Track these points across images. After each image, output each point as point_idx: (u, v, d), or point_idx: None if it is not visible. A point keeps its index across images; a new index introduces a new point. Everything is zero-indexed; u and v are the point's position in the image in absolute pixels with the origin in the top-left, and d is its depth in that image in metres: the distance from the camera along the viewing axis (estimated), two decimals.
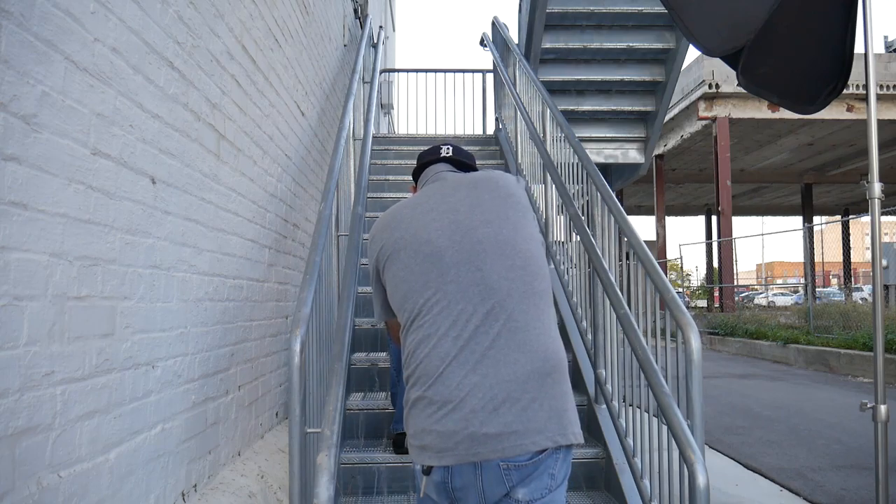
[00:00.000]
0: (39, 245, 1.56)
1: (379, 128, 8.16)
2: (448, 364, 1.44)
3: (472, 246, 1.52)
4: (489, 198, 1.60)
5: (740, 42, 2.49)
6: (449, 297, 1.49)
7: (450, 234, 1.54)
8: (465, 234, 1.54)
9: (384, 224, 1.67)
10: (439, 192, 1.66)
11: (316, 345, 2.66)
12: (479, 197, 1.60)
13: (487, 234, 1.53)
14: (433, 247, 1.54)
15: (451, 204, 1.60)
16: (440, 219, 1.58)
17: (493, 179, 1.65)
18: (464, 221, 1.56)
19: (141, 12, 2.04)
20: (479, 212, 1.57)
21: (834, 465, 4.64)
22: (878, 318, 2.39)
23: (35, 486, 1.52)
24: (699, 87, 16.32)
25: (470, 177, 1.68)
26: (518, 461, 1.41)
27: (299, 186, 4.27)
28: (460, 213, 1.57)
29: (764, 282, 37.11)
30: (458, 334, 1.46)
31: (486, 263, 1.50)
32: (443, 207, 1.60)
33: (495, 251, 1.51)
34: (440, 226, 1.57)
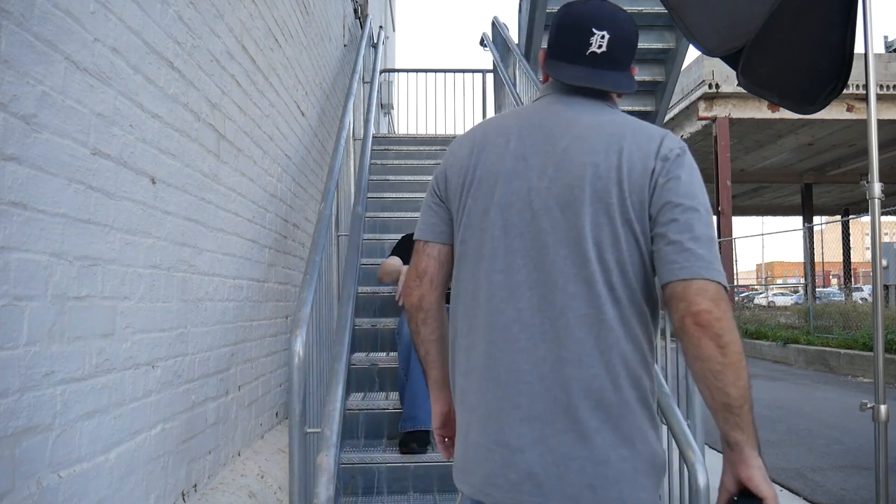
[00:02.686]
0: (39, 245, 1.55)
1: (379, 128, 8.16)
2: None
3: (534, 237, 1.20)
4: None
5: (740, 42, 2.49)
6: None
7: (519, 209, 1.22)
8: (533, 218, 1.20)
9: (470, 141, 1.33)
10: (541, 127, 1.26)
11: (316, 345, 2.66)
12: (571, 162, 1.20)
13: (558, 222, 1.19)
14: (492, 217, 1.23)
15: (540, 159, 1.22)
16: (518, 177, 1.23)
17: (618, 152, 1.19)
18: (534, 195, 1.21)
19: (141, 12, 2.04)
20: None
21: (834, 465, 4.64)
22: (878, 318, 2.39)
23: (35, 486, 1.52)
24: (699, 87, 16.31)
25: (592, 123, 1.23)
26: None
27: (299, 186, 4.27)
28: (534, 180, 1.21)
29: (764, 282, 37.11)
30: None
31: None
32: (528, 161, 1.23)
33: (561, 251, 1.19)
34: (514, 188, 1.23)
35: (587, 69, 1.25)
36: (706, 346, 1.09)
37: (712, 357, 1.08)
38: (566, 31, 1.28)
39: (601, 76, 1.25)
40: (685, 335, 1.11)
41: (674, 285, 1.12)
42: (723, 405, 1.10)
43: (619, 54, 1.26)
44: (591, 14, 1.26)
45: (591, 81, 1.25)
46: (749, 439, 1.11)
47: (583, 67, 1.25)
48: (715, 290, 1.10)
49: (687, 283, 1.10)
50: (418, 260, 1.35)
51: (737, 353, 1.09)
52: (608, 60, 1.25)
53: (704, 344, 1.09)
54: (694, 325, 1.09)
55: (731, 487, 1.13)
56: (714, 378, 1.09)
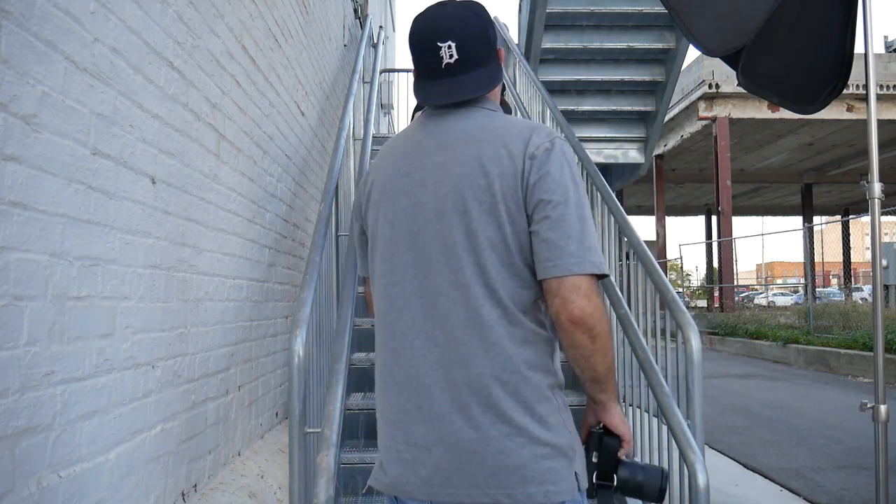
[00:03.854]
0: (39, 245, 1.55)
1: (379, 128, 8.16)
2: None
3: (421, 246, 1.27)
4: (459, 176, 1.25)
5: (740, 42, 2.50)
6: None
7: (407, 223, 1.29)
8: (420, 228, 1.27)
9: (373, 169, 1.41)
10: (419, 143, 1.33)
11: (316, 345, 2.66)
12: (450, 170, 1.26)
13: (437, 233, 1.25)
14: (390, 233, 1.31)
15: (423, 172, 1.29)
16: (406, 192, 1.30)
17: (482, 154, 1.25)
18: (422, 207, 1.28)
19: (141, 12, 2.04)
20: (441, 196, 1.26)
21: (834, 465, 4.64)
22: (878, 318, 2.39)
23: (35, 486, 1.52)
24: (699, 87, 16.31)
25: (460, 132, 1.29)
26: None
27: (299, 186, 4.27)
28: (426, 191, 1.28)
29: (764, 282, 37.11)
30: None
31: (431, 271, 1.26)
32: (416, 173, 1.30)
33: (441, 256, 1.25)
34: (403, 205, 1.30)
35: (448, 80, 1.28)
36: (579, 338, 1.20)
37: (584, 345, 1.21)
38: (417, 51, 1.31)
39: (461, 85, 1.27)
40: (560, 328, 1.21)
41: (549, 282, 1.20)
42: (591, 378, 1.26)
43: (472, 54, 1.28)
44: (431, 27, 1.29)
45: (452, 96, 1.28)
46: (611, 396, 1.29)
47: (443, 80, 1.28)
48: (587, 286, 1.19)
49: (560, 280, 1.18)
50: (366, 290, 1.50)
51: (604, 338, 1.22)
52: (464, 65, 1.27)
53: (578, 336, 1.20)
54: (568, 321, 1.19)
55: (592, 422, 1.33)
56: (585, 361, 1.23)
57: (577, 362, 1.24)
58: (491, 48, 1.32)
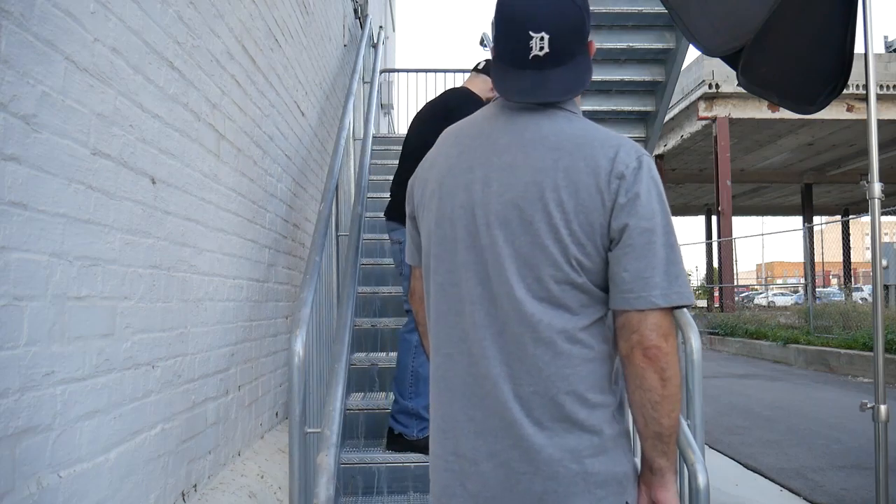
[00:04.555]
0: (39, 245, 1.55)
1: (379, 128, 8.15)
2: None
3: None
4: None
5: (740, 42, 2.50)
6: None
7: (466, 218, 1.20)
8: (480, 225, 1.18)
9: (431, 154, 1.31)
10: (489, 138, 1.22)
11: (316, 345, 2.66)
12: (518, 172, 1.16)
13: (498, 239, 1.17)
14: (450, 229, 1.22)
15: (487, 169, 1.19)
16: (465, 189, 1.21)
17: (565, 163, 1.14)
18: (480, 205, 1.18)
19: (141, 12, 2.04)
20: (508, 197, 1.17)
21: (834, 465, 4.64)
22: (878, 318, 2.39)
23: (35, 486, 1.52)
24: (699, 87, 16.31)
25: (535, 134, 1.18)
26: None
27: (299, 186, 4.27)
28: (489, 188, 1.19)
29: (764, 282, 37.11)
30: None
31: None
32: (479, 170, 1.20)
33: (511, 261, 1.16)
34: (461, 201, 1.21)
35: (533, 75, 1.17)
36: (650, 378, 1.11)
37: (654, 388, 1.11)
38: (504, 34, 1.19)
39: (547, 84, 1.17)
40: (632, 365, 1.12)
41: (628, 315, 1.11)
42: (655, 433, 1.14)
43: (564, 49, 1.16)
44: (527, 12, 1.16)
45: (535, 96, 1.17)
46: (671, 466, 1.16)
47: (529, 73, 1.17)
48: (668, 324, 1.11)
49: (642, 314, 1.10)
50: (411, 282, 1.43)
51: (676, 386, 1.12)
52: (554, 60, 1.16)
53: (649, 376, 1.11)
54: (643, 357, 1.10)
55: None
56: (652, 408, 1.12)
57: (643, 409, 1.13)
58: (584, 42, 1.20)
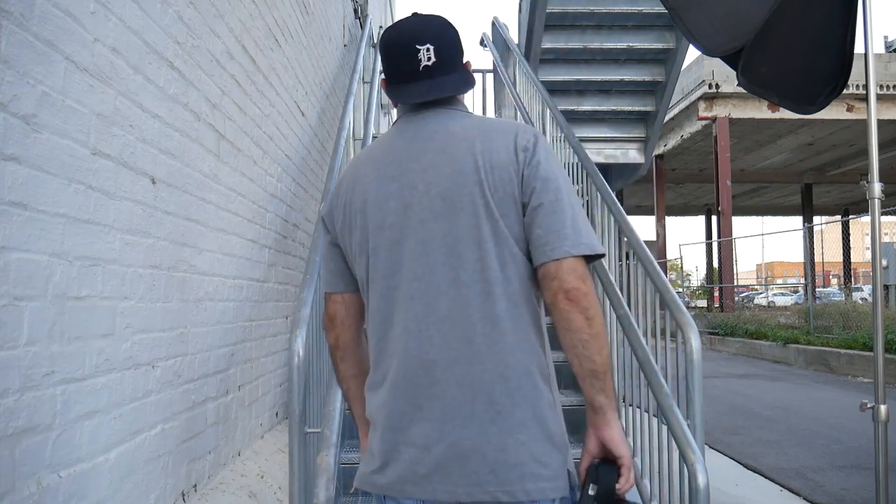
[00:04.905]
0: (39, 245, 1.55)
1: (379, 128, 8.14)
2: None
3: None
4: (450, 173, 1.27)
5: (740, 42, 2.50)
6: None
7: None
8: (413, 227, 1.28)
9: (347, 179, 1.39)
10: (403, 148, 1.33)
11: (316, 345, 2.66)
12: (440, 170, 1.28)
13: (433, 233, 1.26)
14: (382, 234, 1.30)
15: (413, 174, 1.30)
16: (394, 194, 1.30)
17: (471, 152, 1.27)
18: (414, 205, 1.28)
19: (141, 12, 2.04)
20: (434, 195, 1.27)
21: (834, 465, 4.64)
22: (878, 318, 2.39)
23: (35, 486, 1.52)
24: (699, 87, 16.31)
25: (435, 141, 1.31)
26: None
27: (299, 186, 4.27)
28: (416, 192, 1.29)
29: (764, 282, 37.11)
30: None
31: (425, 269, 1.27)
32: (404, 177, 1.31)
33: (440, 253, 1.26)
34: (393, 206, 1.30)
35: (427, 81, 1.30)
36: (576, 319, 1.20)
37: (581, 328, 1.20)
38: (393, 55, 1.34)
39: (441, 85, 1.31)
40: (557, 310, 1.22)
41: (547, 266, 1.22)
42: (590, 371, 1.22)
43: (448, 58, 1.32)
44: (409, 33, 1.33)
45: (433, 93, 1.30)
46: (611, 402, 1.24)
47: (422, 82, 1.31)
48: (583, 269, 1.22)
49: (558, 262, 1.21)
50: (327, 307, 1.44)
51: (600, 324, 1.23)
52: (441, 67, 1.31)
53: (574, 317, 1.20)
54: (566, 300, 1.21)
55: (593, 450, 1.26)
56: (582, 347, 1.21)
57: (575, 350, 1.22)
58: (461, 55, 1.37)
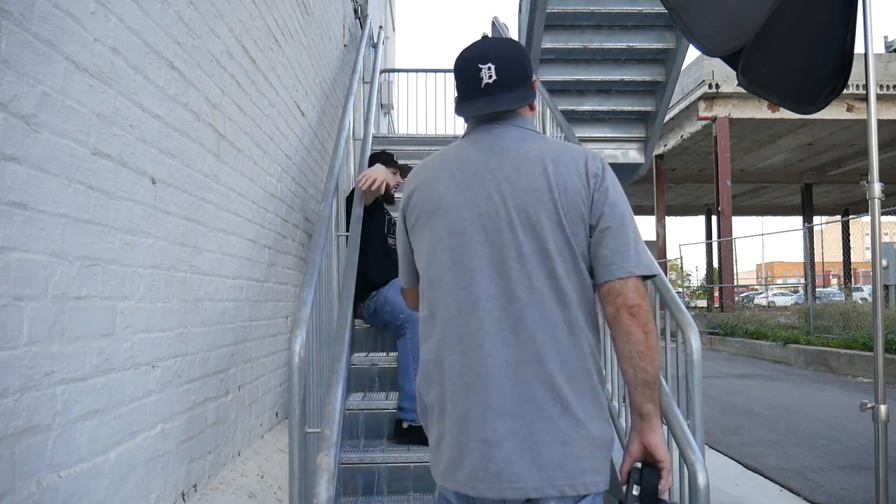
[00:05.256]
0: (39, 245, 1.55)
1: (379, 128, 8.15)
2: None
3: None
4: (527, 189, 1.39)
5: (740, 42, 2.49)
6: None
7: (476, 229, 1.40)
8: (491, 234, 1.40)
9: (420, 182, 1.50)
10: (478, 160, 1.45)
11: (316, 345, 2.66)
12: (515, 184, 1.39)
13: (507, 241, 1.38)
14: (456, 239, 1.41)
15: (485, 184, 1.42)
16: (469, 202, 1.41)
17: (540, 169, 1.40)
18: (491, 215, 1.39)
19: (141, 12, 2.04)
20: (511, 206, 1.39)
21: (834, 465, 4.64)
22: (878, 318, 2.39)
23: (35, 486, 1.52)
24: (699, 87, 16.31)
25: (508, 157, 1.43)
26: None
27: (299, 186, 4.27)
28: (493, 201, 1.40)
29: (764, 282, 37.10)
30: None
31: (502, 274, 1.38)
32: (477, 187, 1.42)
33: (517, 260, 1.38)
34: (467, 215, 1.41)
35: (486, 98, 1.43)
36: (636, 332, 1.34)
37: (640, 341, 1.34)
38: (460, 74, 1.48)
39: (497, 100, 1.43)
40: (619, 323, 1.35)
41: (612, 283, 1.36)
42: (643, 381, 1.35)
43: (509, 77, 1.44)
44: (474, 53, 1.47)
45: (488, 108, 1.44)
46: (657, 410, 1.38)
47: (481, 99, 1.44)
48: (643, 288, 1.36)
49: (623, 281, 1.35)
50: (410, 297, 1.61)
51: (655, 339, 1.36)
52: (501, 86, 1.43)
53: (635, 331, 1.34)
54: (628, 315, 1.34)
55: (636, 453, 1.38)
56: (639, 358, 1.34)
57: (632, 360, 1.34)
58: (526, 76, 1.47)
